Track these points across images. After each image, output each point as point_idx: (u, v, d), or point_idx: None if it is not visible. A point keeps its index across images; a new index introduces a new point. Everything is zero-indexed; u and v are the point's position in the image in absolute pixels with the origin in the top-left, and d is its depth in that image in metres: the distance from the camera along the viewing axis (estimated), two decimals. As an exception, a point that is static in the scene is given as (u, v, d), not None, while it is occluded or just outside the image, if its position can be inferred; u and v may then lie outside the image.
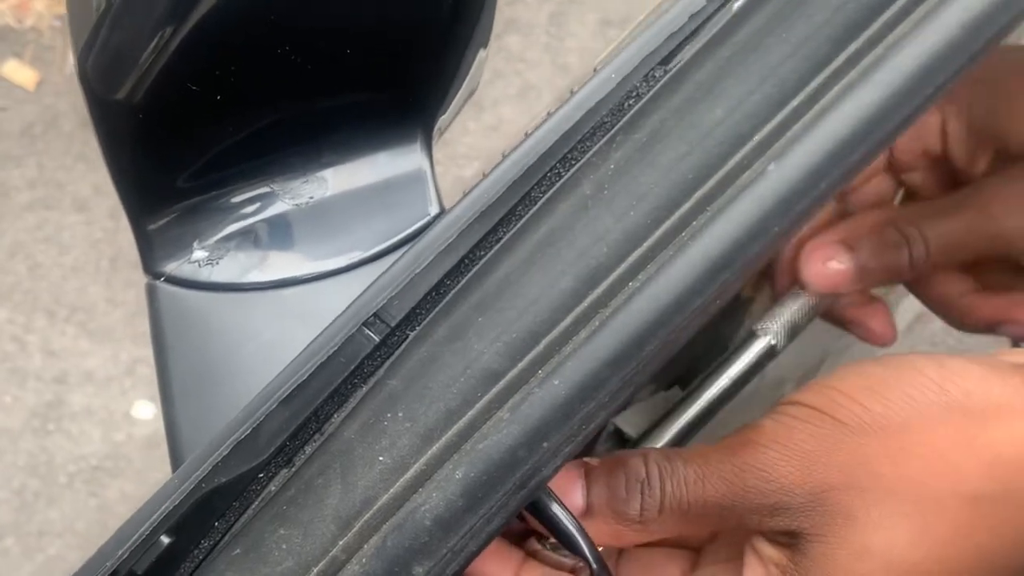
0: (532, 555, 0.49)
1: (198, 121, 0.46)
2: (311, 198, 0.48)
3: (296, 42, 0.44)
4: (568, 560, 0.48)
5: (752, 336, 0.59)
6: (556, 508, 0.43)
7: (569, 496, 0.45)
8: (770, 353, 0.59)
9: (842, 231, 0.61)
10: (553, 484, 0.44)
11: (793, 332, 0.60)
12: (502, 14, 1.90)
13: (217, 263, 0.48)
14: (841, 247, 0.60)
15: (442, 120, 0.49)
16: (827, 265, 0.59)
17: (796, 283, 0.61)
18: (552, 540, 0.48)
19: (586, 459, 0.46)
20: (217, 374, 0.48)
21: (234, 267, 0.48)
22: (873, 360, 0.45)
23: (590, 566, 0.43)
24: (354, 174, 0.48)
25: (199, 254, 0.48)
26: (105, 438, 1.72)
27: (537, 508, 0.43)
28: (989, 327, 0.63)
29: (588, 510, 0.45)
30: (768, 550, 0.45)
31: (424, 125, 0.48)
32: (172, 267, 0.48)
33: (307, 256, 0.48)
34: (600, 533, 0.45)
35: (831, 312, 0.64)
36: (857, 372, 0.45)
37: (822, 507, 0.43)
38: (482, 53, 0.48)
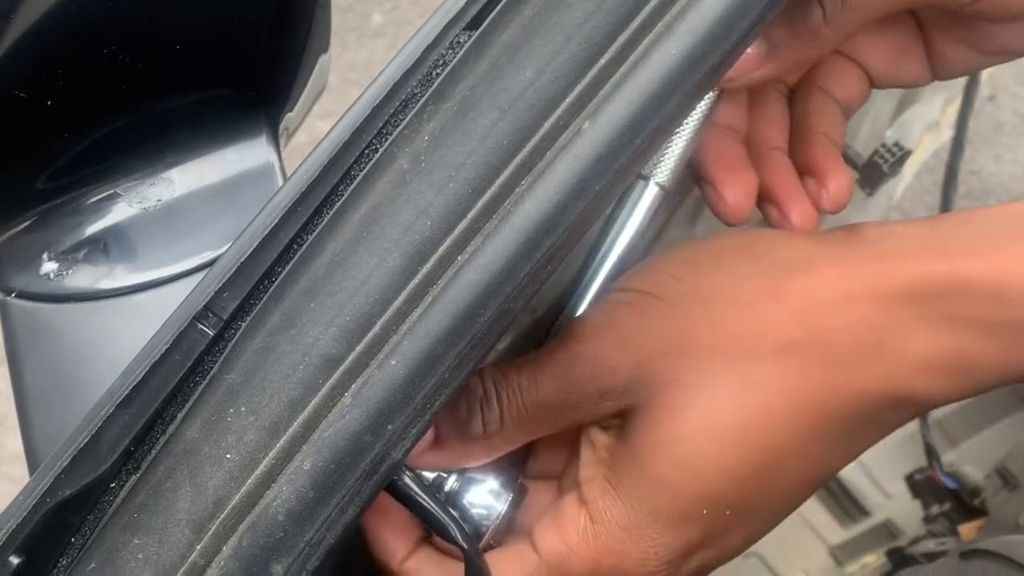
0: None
1: (31, 129, 0.45)
2: (159, 200, 0.47)
3: (122, 43, 0.43)
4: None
5: (638, 183, 0.51)
6: (417, 492, 0.42)
7: None
8: (662, 196, 0.51)
9: None
10: None
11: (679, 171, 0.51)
12: (414, 26, 1.89)
13: (68, 273, 0.47)
14: None
15: (289, 118, 0.48)
16: None
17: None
18: None
19: None
20: (75, 386, 0.46)
21: (85, 276, 0.47)
22: (693, 240, 0.46)
23: (459, 545, 0.42)
24: (201, 173, 0.47)
25: (49, 266, 0.47)
26: (46, 477, 1.69)
27: (400, 494, 0.42)
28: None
29: (437, 439, 0.45)
30: (600, 437, 0.46)
31: (269, 121, 0.47)
32: (23, 281, 0.47)
33: (159, 259, 0.47)
34: (450, 458, 0.45)
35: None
36: (674, 251, 0.46)
37: (645, 379, 0.43)
38: (323, 58, 0.48)
